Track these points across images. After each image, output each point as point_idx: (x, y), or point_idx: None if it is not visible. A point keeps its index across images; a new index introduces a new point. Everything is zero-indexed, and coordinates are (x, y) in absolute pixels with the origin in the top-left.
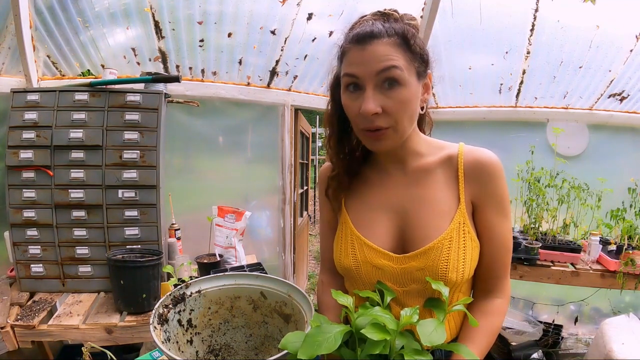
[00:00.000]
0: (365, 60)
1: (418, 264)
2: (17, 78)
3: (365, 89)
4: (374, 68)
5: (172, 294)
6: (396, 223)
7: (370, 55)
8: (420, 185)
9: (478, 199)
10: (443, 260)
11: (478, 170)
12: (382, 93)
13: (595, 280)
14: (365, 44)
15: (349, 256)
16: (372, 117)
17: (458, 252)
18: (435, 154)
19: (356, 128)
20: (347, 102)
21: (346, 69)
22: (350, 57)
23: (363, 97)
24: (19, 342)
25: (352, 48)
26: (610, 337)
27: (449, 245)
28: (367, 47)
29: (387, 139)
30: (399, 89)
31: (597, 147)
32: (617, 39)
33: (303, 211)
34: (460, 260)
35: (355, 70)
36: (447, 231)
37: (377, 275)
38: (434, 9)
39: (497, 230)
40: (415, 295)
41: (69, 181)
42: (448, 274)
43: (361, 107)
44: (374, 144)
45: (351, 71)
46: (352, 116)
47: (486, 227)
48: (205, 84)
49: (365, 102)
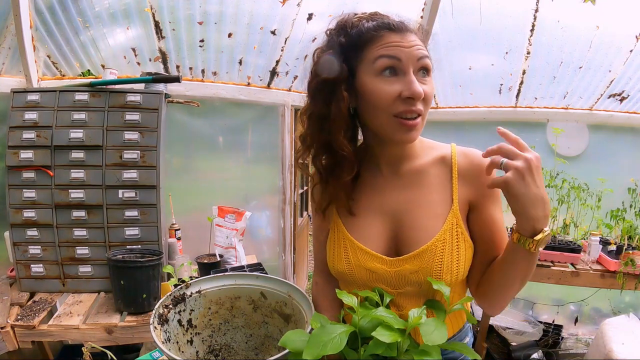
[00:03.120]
0: (407, 46)
1: (412, 267)
2: (17, 78)
3: (406, 73)
4: (415, 54)
5: (172, 294)
6: (389, 226)
7: (410, 42)
8: (414, 188)
9: (478, 198)
10: (437, 262)
11: (475, 172)
12: (418, 80)
13: (595, 281)
14: (403, 31)
15: (342, 260)
16: (414, 100)
17: (452, 253)
18: (428, 155)
19: (386, 115)
20: (382, 87)
21: (385, 51)
22: (388, 40)
23: (405, 80)
24: (19, 342)
25: (387, 33)
26: (610, 337)
27: (443, 247)
28: (406, 34)
29: (418, 129)
30: (429, 80)
31: (597, 147)
32: (617, 39)
33: (303, 211)
34: (454, 261)
35: (397, 53)
36: (440, 233)
37: (371, 278)
38: (434, 9)
39: (498, 225)
40: (410, 297)
41: (69, 181)
42: (442, 275)
43: (408, 88)
44: (407, 133)
45: (393, 53)
46: (386, 101)
47: (489, 222)
48: (206, 84)
49: (413, 84)
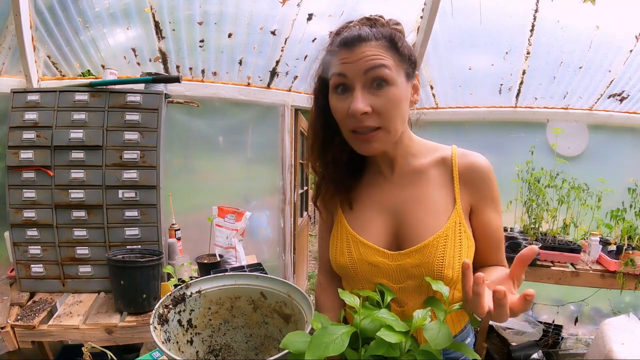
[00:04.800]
0: (353, 60)
1: (413, 261)
2: (17, 78)
3: (354, 89)
4: (362, 67)
5: (172, 294)
6: (391, 222)
7: (359, 55)
8: (415, 186)
9: (476, 202)
10: (439, 257)
11: (474, 175)
12: (371, 93)
13: (595, 281)
14: (354, 47)
15: (344, 254)
16: (361, 116)
17: (454, 249)
18: (429, 156)
19: (345, 130)
20: (336, 104)
21: (334, 69)
22: (338, 58)
23: (352, 97)
24: (19, 342)
25: (340, 50)
26: (610, 338)
27: (445, 242)
28: (355, 49)
29: (377, 140)
30: (388, 89)
31: (597, 148)
32: (617, 39)
33: (303, 211)
34: (456, 257)
35: (344, 70)
36: (443, 229)
37: (373, 272)
38: (434, 9)
39: (494, 228)
40: (411, 291)
41: (69, 181)
42: (444, 270)
43: (350, 106)
44: (362, 146)
45: (340, 71)
46: (341, 118)
47: (485, 226)
48: (206, 85)
49: (354, 101)
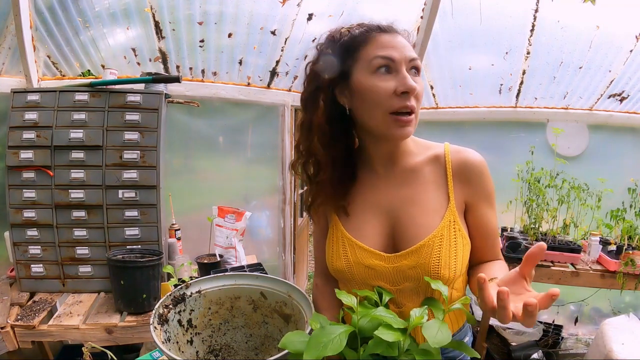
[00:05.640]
0: (399, 46)
1: (410, 262)
2: (17, 78)
3: (399, 72)
4: (407, 54)
5: (172, 294)
6: (386, 223)
7: (402, 42)
8: (410, 185)
9: (471, 198)
10: (434, 258)
11: (468, 172)
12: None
13: (595, 281)
14: (394, 33)
15: (340, 258)
16: (408, 95)
17: (449, 249)
18: (422, 154)
19: (382, 112)
20: (378, 84)
21: (379, 52)
22: (381, 42)
23: (398, 77)
24: (19, 342)
25: (380, 35)
26: (610, 338)
27: (440, 242)
28: (397, 36)
29: (412, 126)
30: (419, 79)
31: (597, 148)
32: (617, 39)
33: (303, 211)
34: (452, 257)
35: (391, 53)
36: (438, 229)
37: (370, 275)
38: (434, 9)
39: (489, 223)
40: (409, 293)
41: (69, 181)
42: (440, 270)
43: (403, 84)
44: (402, 129)
45: (387, 54)
46: (384, 97)
47: (480, 222)
48: (206, 84)
49: (406, 79)
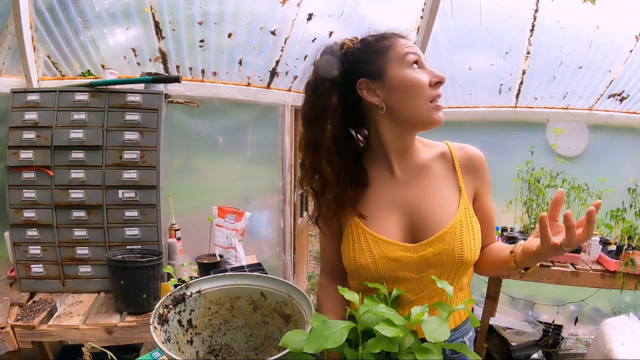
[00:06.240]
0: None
1: (435, 249)
2: (17, 78)
3: (425, 66)
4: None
5: (172, 294)
6: (405, 217)
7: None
8: (424, 179)
9: (478, 187)
10: (457, 243)
11: (474, 165)
12: None
13: (595, 281)
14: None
15: (364, 254)
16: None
17: (469, 233)
18: (428, 152)
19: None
20: (417, 76)
21: (408, 49)
22: (402, 42)
23: (426, 72)
24: (19, 342)
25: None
26: (610, 338)
27: (461, 228)
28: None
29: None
30: None
31: (597, 148)
32: (617, 39)
33: (303, 211)
34: (472, 240)
35: (416, 51)
36: (457, 216)
37: (395, 267)
38: (434, 9)
39: (491, 209)
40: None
41: (69, 181)
42: (464, 254)
43: (435, 75)
44: (437, 114)
45: (413, 50)
46: (422, 88)
47: (485, 209)
48: (206, 85)
49: (436, 72)
